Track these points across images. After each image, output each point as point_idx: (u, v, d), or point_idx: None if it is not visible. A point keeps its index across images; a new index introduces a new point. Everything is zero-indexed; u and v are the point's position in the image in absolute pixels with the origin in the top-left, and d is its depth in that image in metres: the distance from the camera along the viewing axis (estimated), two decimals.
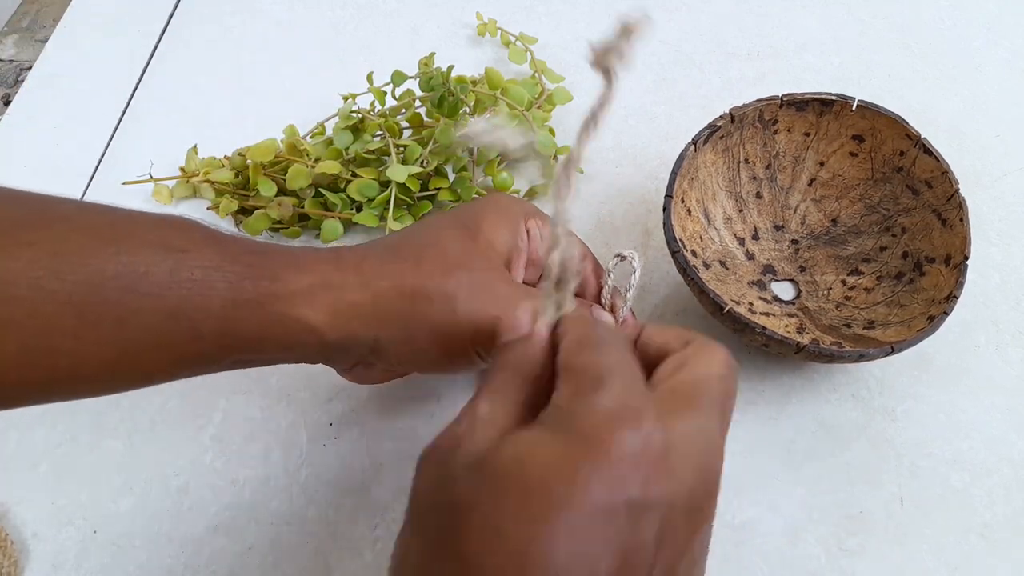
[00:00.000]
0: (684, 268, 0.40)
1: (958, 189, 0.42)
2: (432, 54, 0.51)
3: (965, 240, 0.41)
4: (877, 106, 0.45)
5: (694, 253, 0.44)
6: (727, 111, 0.45)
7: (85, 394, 0.32)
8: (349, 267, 0.33)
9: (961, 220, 0.42)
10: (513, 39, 0.57)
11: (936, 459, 0.41)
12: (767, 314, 0.44)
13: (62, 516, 0.39)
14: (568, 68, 0.57)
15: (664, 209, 0.42)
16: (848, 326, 0.43)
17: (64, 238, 0.29)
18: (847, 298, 0.45)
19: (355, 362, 0.36)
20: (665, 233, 0.41)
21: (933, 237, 0.43)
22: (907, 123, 0.44)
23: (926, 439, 0.41)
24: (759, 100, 0.45)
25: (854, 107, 0.45)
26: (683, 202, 0.44)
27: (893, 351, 0.38)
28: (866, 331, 0.42)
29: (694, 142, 0.43)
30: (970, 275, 0.41)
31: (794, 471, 0.40)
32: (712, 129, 0.44)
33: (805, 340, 0.41)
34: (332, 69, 0.58)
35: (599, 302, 0.37)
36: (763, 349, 0.40)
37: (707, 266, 0.45)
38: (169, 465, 0.41)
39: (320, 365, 0.36)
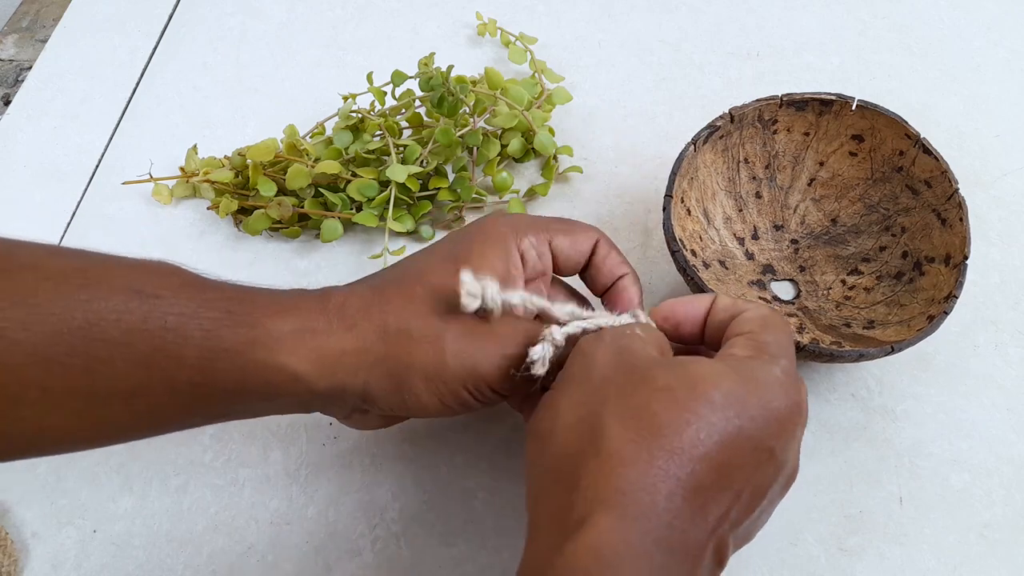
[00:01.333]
0: (684, 268, 0.40)
1: (957, 188, 0.42)
2: (432, 54, 0.51)
3: (965, 240, 0.41)
4: (877, 106, 0.45)
5: (694, 253, 0.44)
6: (727, 111, 0.45)
7: (53, 450, 0.31)
8: (333, 309, 0.32)
9: (961, 220, 0.42)
10: (513, 39, 0.57)
11: (936, 459, 0.41)
12: None
13: (62, 516, 0.39)
14: (568, 68, 0.57)
15: (664, 209, 0.42)
16: (848, 326, 0.43)
17: (32, 287, 0.28)
18: (847, 298, 0.45)
19: (350, 411, 0.35)
20: (665, 233, 0.41)
21: (933, 237, 0.43)
22: (907, 123, 0.44)
23: (926, 439, 0.41)
24: (759, 100, 0.45)
25: (854, 107, 0.45)
26: (683, 202, 0.44)
27: (893, 351, 0.38)
28: (866, 331, 0.42)
29: (694, 142, 0.43)
30: (970, 275, 0.41)
31: None
32: (712, 129, 0.44)
33: (805, 340, 0.41)
34: (332, 69, 0.58)
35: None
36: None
37: (707, 266, 0.45)
38: (169, 464, 0.41)
39: None
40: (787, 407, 0.28)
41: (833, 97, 0.45)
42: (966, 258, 0.41)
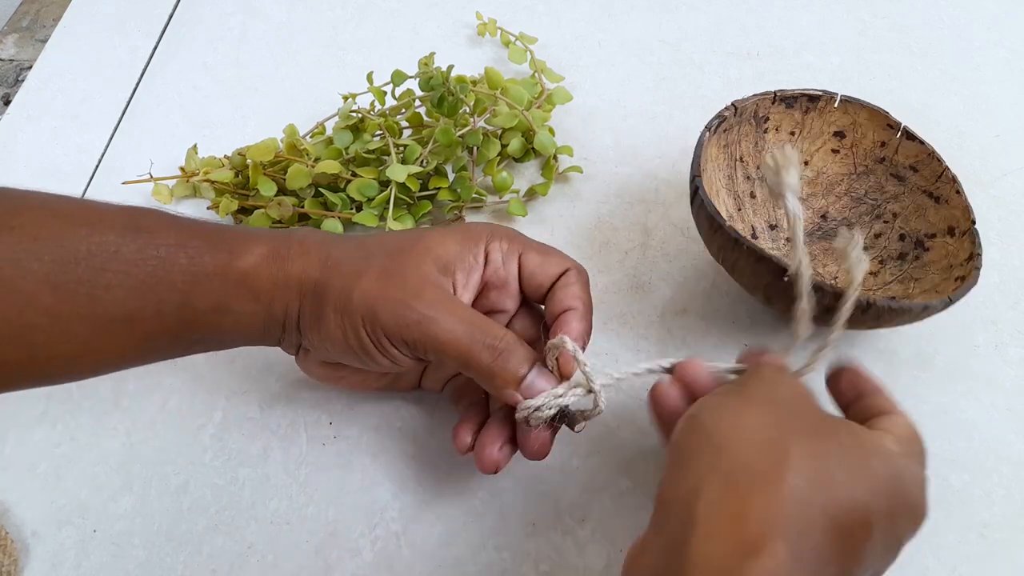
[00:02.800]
0: (736, 239, 0.38)
1: (947, 167, 0.43)
2: (432, 54, 0.51)
3: (966, 209, 0.42)
4: (859, 100, 0.46)
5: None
6: (731, 103, 0.45)
7: (61, 376, 0.34)
8: (295, 242, 0.35)
9: (957, 192, 0.43)
10: (513, 39, 0.57)
11: (935, 459, 0.40)
12: None
13: (61, 515, 0.39)
14: (568, 68, 0.57)
15: (696, 190, 0.40)
16: (870, 305, 0.43)
17: (42, 222, 0.31)
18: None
19: (297, 345, 0.37)
20: (701, 214, 0.40)
21: (928, 215, 0.44)
22: (888, 113, 0.45)
23: (925, 438, 0.41)
24: (756, 95, 0.46)
25: (836, 102, 0.45)
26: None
27: (951, 301, 0.38)
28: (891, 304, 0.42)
29: (708, 128, 0.43)
30: None
31: None
32: (720, 119, 0.44)
33: (876, 294, 0.41)
34: (332, 69, 0.58)
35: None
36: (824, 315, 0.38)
37: None
38: (169, 464, 0.41)
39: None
40: (924, 512, 0.29)
41: (820, 92, 0.46)
42: (974, 223, 0.41)
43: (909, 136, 0.45)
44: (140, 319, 0.32)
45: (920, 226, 0.45)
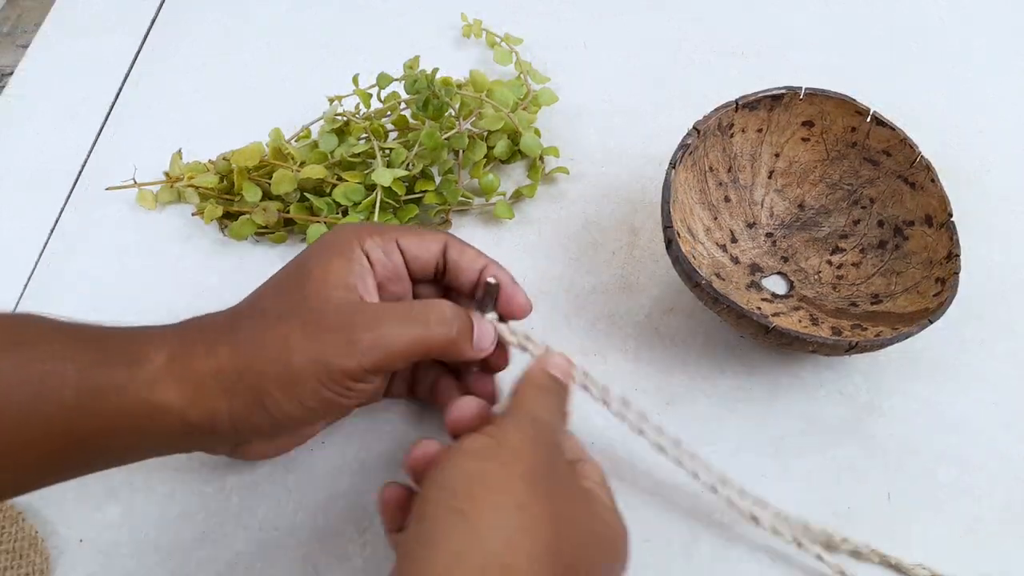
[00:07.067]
0: (716, 298, 0.39)
1: (921, 154, 0.43)
2: (417, 57, 0.51)
3: (943, 199, 0.42)
4: (825, 91, 0.45)
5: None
6: (692, 127, 0.44)
7: None
8: (194, 334, 0.33)
9: (933, 181, 0.43)
10: (498, 40, 0.57)
11: (923, 455, 0.41)
12: (776, 314, 0.44)
13: (47, 526, 0.39)
14: (553, 69, 0.57)
15: (669, 242, 0.40)
16: (855, 305, 0.43)
17: None
18: (839, 277, 0.45)
19: (232, 444, 0.36)
20: (681, 267, 0.40)
21: (905, 201, 0.45)
22: (855, 100, 0.45)
23: (913, 435, 0.42)
24: (717, 109, 0.45)
25: (802, 95, 0.45)
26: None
27: (930, 323, 0.39)
28: (875, 306, 0.42)
29: (672, 164, 0.43)
30: None
31: (782, 469, 0.41)
32: (684, 148, 0.44)
33: (825, 331, 0.42)
34: (317, 71, 0.58)
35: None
36: (810, 355, 0.40)
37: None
38: (155, 472, 0.40)
39: None
40: (626, 555, 0.33)
41: (783, 91, 0.46)
42: (951, 216, 0.42)
43: (879, 122, 0.45)
44: (28, 443, 0.30)
45: (898, 212, 0.45)
